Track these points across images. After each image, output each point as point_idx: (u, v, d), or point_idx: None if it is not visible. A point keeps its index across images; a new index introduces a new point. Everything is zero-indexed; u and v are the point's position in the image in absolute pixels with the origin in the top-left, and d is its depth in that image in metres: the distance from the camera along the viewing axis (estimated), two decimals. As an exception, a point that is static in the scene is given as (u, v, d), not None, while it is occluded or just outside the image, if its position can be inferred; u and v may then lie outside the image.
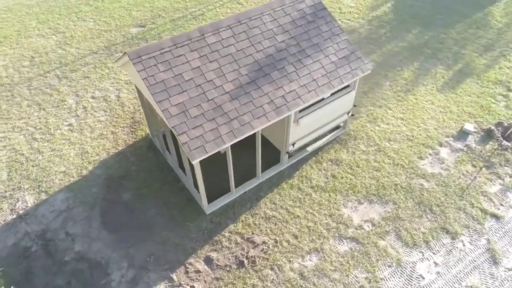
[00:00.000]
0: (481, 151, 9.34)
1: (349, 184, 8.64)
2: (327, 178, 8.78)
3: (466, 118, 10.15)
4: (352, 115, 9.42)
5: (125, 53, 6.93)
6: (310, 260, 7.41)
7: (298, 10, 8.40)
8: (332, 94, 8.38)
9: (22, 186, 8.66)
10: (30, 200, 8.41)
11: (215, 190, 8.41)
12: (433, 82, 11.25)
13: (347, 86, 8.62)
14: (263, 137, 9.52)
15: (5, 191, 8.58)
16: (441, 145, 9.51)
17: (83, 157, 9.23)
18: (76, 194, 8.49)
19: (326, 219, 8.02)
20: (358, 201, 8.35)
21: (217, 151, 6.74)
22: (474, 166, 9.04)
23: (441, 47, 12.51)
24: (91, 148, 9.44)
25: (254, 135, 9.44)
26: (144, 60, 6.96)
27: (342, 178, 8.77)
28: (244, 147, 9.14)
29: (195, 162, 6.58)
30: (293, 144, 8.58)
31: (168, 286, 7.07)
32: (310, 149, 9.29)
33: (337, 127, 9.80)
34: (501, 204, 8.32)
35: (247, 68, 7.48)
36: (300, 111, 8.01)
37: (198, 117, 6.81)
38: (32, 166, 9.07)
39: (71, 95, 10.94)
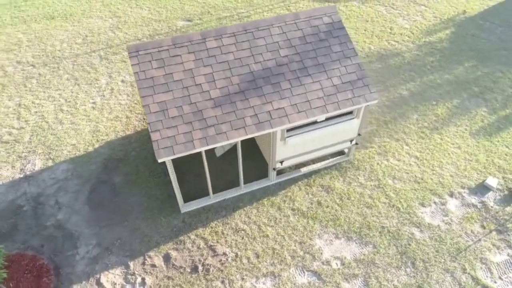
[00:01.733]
0: (497, 212, 8.17)
1: (332, 215, 8.15)
2: (311, 203, 8.37)
3: (493, 171, 8.93)
4: (356, 143, 8.83)
5: (127, 46, 7.30)
6: (264, 284, 7.16)
7: (312, 26, 8.08)
8: (329, 118, 7.95)
9: (37, 150, 9.61)
10: (38, 164, 9.31)
11: (197, 191, 8.51)
12: (468, 124, 10.06)
13: (350, 113, 8.10)
14: (259, 149, 9.39)
15: (22, 151, 9.60)
16: (451, 195, 8.50)
17: (94, 135, 9.94)
18: (76, 167, 9.19)
19: (295, 246, 7.67)
20: (335, 235, 7.85)
21: (185, 154, 6.82)
22: (483, 227, 7.94)
23: (493, 87, 11.12)
24: (103, 128, 10.13)
25: (253, 142, 9.40)
26: (140, 55, 7.27)
27: (327, 207, 8.30)
28: (242, 154, 9.12)
29: (160, 161, 6.72)
30: (281, 162, 8.32)
31: (123, 272, 7.36)
32: (304, 170, 8.93)
33: (342, 153, 9.28)
34: (500, 278, 7.22)
35: (240, 77, 7.41)
36: (289, 130, 7.74)
37: (176, 118, 6.93)
38: (51, 134, 10.00)
39: (105, 76, 11.81)
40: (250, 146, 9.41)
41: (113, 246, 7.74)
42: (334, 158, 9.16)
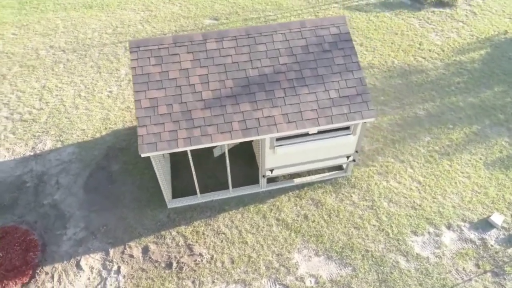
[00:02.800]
0: (497, 253, 7.54)
1: (316, 231, 7.93)
2: (298, 216, 8.19)
3: (501, 207, 8.25)
4: (354, 160, 8.52)
5: (128, 41, 7.54)
6: (233, 290, 7.13)
7: (318, 36, 7.88)
8: (323, 132, 7.72)
9: (50, 132, 10.18)
10: (48, 144, 9.86)
11: (191, 188, 8.59)
12: (484, 153, 9.36)
13: (347, 128, 7.82)
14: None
15: (37, 131, 10.21)
16: (449, 227, 7.96)
17: (104, 122, 10.36)
18: (80, 151, 9.63)
19: (272, 257, 7.55)
20: (315, 252, 7.62)
21: (168, 152, 6.93)
22: (477, 266, 7.37)
23: (521, 116, 10.27)
24: (114, 117, 10.53)
25: (251, 147, 9.36)
26: (140, 51, 7.47)
27: (313, 221, 8.08)
28: (240, 157, 9.12)
29: (143, 155, 6.87)
30: (271, 170, 8.21)
31: (102, 258, 7.62)
32: (297, 181, 8.76)
33: (340, 168, 8.99)
34: (485, 324, 6.67)
35: (235, 81, 7.40)
36: (279, 139, 7.61)
37: (164, 115, 7.06)
38: (65, 117, 10.56)
39: (126, 66, 12.26)
40: (247, 150, 9.37)
41: (98, 232, 8.04)
42: (331, 173, 8.90)
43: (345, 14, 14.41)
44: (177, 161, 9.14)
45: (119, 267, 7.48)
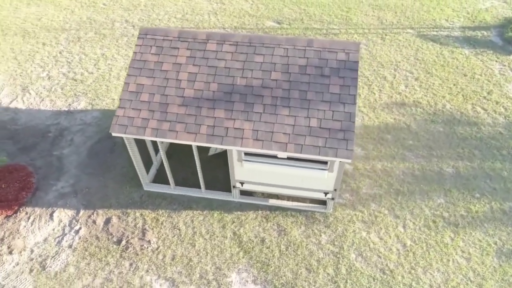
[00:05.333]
0: None
1: (266, 258, 7.51)
2: (256, 237, 7.86)
3: (491, 307, 6.75)
4: (333, 198, 7.78)
5: (140, 28, 8.01)
6: (160, 286, 7.21)
7: (321, 58, 7.33)
8: (297, 159, 7.20)
9: (88, 94, 11.41)
10: (81, 105, 11.07)
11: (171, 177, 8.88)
12: (504, 239, 7.69)
13: (324, 162, 7.17)
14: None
15: (79, 91, 11.53)
16: (413, 307, 6.82)
17: (132, 97, 11.21)
18: (101, 118, 10.61)
19: (210, 268, 7.41)
20: (254, 279, 7.25)
21: (135, 137, 7.24)
22: None
23: None
24: (143, 94, 11.31)
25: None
26: (146, 39, 7.87)
27: (267, 248, 7.67)
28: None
29: (114, 135, 7.30)
30: (242, 183, 7.98)
31: (72, 215, 8.38)
32: (272, 202, 8.36)
33: (324, 202, 8.30)
34: None
35: (220, 86, 7.34)
36: (248, 154, 7.34)
37: (143, 102, 7.37)
38: (105, 85, 11.70)
39: (176, 51, 12.99)
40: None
41: (80, 192, 8.83)
42: (310, 204, 8.28)
43: (416, 43, 12.98)
44: (179, 149, 9.45)
45: (80, 228, 8.14)
